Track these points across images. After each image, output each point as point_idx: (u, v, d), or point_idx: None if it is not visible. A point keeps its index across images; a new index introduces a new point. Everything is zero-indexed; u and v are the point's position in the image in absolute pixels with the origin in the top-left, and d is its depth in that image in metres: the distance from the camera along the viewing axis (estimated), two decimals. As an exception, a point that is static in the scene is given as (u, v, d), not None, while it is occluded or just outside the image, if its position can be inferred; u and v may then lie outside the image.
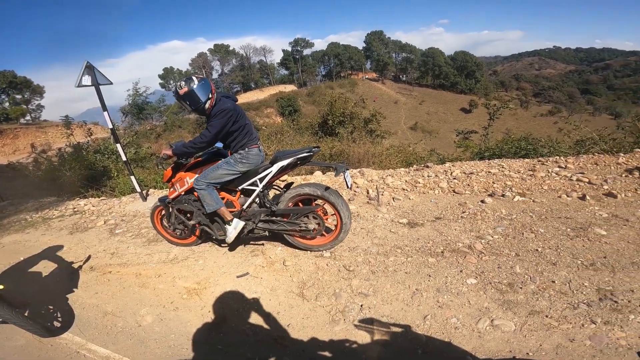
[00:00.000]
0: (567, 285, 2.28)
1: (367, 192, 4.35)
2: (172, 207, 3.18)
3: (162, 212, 3.42)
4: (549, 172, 4.19)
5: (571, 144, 6.72)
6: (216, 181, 2.80)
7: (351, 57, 77.99)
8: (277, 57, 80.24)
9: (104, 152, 8.83)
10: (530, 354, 1.82)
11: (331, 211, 2.93)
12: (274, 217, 2.92)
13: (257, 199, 2.95)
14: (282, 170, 2.79)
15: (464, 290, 2.35)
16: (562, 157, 4.87)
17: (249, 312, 2.44)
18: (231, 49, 71.55)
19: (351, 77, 77.13)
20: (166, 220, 3.35)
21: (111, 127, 5.07)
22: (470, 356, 1.87)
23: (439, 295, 2.33)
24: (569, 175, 4.03)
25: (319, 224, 2.89)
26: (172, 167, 3.14)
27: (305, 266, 2.88)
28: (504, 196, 3.79)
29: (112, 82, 4.93)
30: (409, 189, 4.34)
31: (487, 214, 3.45)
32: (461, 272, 2.55)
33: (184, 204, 3.08)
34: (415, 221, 3.48)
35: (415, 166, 5.65)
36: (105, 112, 4.91)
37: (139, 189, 5.29)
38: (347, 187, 2.73)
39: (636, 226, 2.89)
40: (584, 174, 4.04)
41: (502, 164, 4.85)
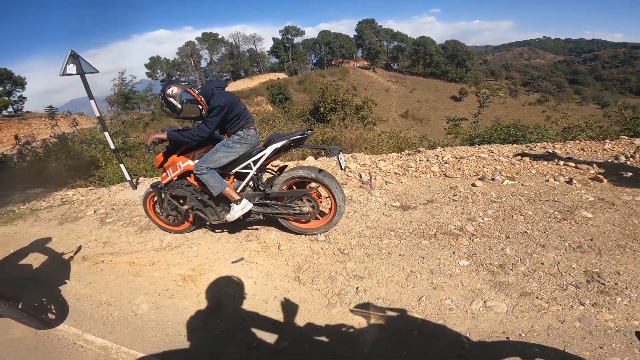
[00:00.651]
0: (556, 267, 2.34)
1: (360, 176, 4.37)
2: (165, 193, 3.15)
3: (154, 198, 3.37)
4: (537, 157, 4.27)
5: (558, 131, 6.86)
6: (216, 164, 2.78)
7: (342, 45, 77.16)
8: (267, 46, 78.95)
9: (91, 142, 8.62)
10: (523, 335, 1.86)
11: (325, 194, 2.94)
12: (268, 201, 2.91)
13: (251, 183, 2.94)
14: (276, 152, 2.78)
15: (457, 271, 2.40)
16: (550, 143, 4.97)
17: (245, 297, 2.45)
18: (220, 37, 69.88)
19: (342, 66, 76.55)
20: (159, 206, 3.31)
21: (98, 115, 4.95)
22: (465, 337, 1.90)
23: (432, 277, 2.38)
24: (556, 160, 4.11)
25: (313, 207, 2.90)
26: (163, 152, 3.09)
27: (300, 250, 2.90)
28: (493, 180, 3.86)
29: (98, 71, 4.79)
30: (401, 173, 4.37)
31: (477, 197, 3.51)
32: (454, 254, 2.60)
33: (177, 189, 3.05)
34: (407, 204, 3.52)
35: (407, 151, 5.68)
36: (92, 101, 4.77)
37: (128, 177, 5.20)
38: (341, 169, 2.73)
39: (621, 209, 2.98)
40: (571, 158, 4.13)
41: (492, 149, 4.92)
